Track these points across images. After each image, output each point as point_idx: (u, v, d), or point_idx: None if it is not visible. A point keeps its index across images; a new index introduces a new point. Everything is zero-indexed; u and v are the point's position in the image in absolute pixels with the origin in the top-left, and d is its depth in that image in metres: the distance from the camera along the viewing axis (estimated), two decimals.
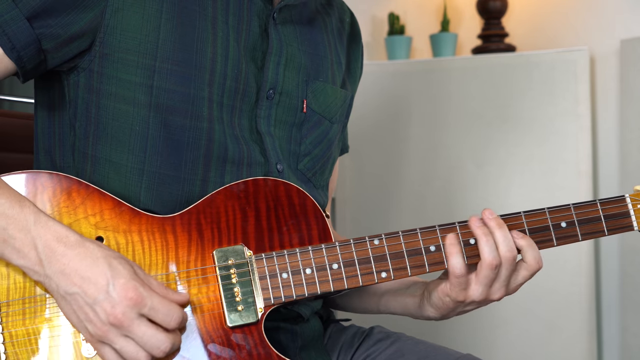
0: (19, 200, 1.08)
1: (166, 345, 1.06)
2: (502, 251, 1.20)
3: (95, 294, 1.04)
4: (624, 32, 2.82)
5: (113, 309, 1.04)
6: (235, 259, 1.17)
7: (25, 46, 1.17)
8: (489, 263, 1.20)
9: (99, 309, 1.04)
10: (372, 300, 1.42)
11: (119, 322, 1.04)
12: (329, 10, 1.45)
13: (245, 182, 1.20)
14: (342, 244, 1.20)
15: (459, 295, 1.23)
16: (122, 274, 1.05)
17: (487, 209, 1.24)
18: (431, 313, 1.30)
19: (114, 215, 1.16)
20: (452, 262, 1.21)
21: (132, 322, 1.04)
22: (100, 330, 1.05)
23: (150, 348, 1.06)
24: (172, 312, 1.07)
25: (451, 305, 1.26)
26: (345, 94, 1.43)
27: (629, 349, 2.72)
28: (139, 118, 1.21)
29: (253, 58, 1.29)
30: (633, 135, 2.72)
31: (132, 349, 1.05)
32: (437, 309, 1.29)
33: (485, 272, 1.20)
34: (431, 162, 2.81)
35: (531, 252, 1.22)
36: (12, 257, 1.07)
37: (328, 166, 1.41)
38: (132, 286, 1.05)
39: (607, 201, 1.28)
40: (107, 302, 1.04)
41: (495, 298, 1.23)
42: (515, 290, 1.25)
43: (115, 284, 1.04)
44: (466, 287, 1.22)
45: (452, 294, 1.23)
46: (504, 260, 1.21)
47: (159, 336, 1.06)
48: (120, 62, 1.20)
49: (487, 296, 1.23)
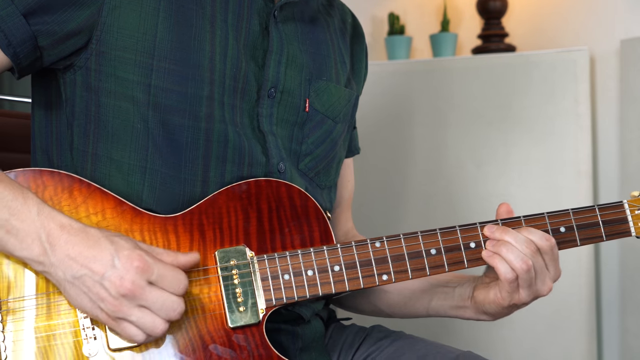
0: (22, 192, 1.09)
1: (181, 306, 1.07)
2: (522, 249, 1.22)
3: (102, 270, 1.05)
4: (624, 32, 2.82)
5: (122, 280, 1.04)
6: (237, 259, 1.17)
7: (21, 42, 1.17)
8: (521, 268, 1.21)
9: (108, 284, 1.04)
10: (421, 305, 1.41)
11: (131, 292, 1.04)
12: (330, 11, 1.45)
13: (247, 182, 1.20)
14: (344, 246, 1.20)
15: (512, 299, 1.25)
16: (125, 247, 1.06)
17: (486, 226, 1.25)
18: (486, 318, 1.32)
19: (116, 215, 1.16)
20: (502, 270, 1.22)
21: (143, 290, 1.05)
22: (113, 306, 1.05)
23: (166, 312, 1.06)
24: (178, 277, 1.08)
25: (505, 311, 1.28)
26: (350, 93, 1.43)
27: (629, 349, 2.72)
28: (139, 116, 1.20)
29: (253, 56, 1.28)
30: (633, 135, 2.71)
31: (149, 318, 1.06)
32: (491, 315, 1.31)
33: (523, 276, 1.22)
34: (431, 162, 2.81)
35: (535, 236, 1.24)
36: (15, 249, 1.07)
37: (333, 166, 1.40)
38: (136, 255, 1.05)
39: (605, 207, 1.29)
40: (115, 275, 1.04)
41: (545, 293, 1.25)
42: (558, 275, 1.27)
43: (120, 257, 1.05)
44: (517, 290, 1.24)
45: (504, 302, 1.25)
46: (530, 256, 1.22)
47: (173, 298, 1.07)
48: (117, 60, 1.20)
49: (535, 294, 1.25)
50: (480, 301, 1.30)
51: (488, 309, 1.29)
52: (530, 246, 1.22)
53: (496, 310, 1.28)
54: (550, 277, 1.25)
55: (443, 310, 1.38)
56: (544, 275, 1.24)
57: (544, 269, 1.24)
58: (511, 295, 1.24)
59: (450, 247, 1.24)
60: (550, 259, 1.24)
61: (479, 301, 1.30)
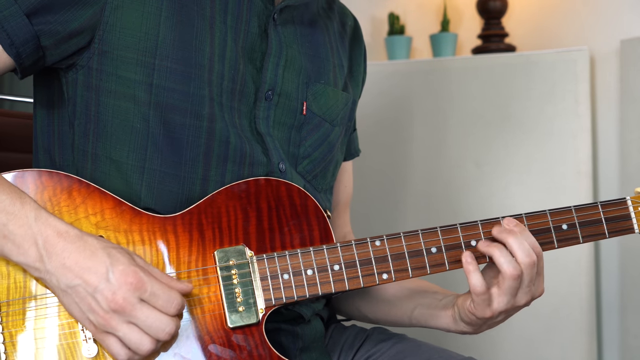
0: (20, 197, 1.08)
1: (171, 327, 1.06)
2: (520, 257, 1.20)
3: (95, 282, 1.04)
4: (624, 32, 2.82)
5: (114, 295, 1.04)
6: (236, 259, 1.17)
7: (24, 42, 1.16)
8: (511, 274, 1.20)
9: (100, 297, 1.04)
10: (404, 313, 1.40)
11: (121, 308, 1.04)
12: (330, 14, 1.45)
13: (246, 182, 1.20)
14: (344, 245, 1.20)
15: (485, 312, 1.23)
16: (120, 261, 1.06)
17: (495, 226, 1.23)
18: (465, 329, 1.31)
19: (115, 215, 1.16)
20: (473, 281, 1.21)
21: (133, 307, 1.04)
22: (102, 319, 1.05)
23: (155, 331, 1.05)
24: (172, 297, 1.07)
25: (480, 322, 1.26)
26: (347, 97, 1.42)
27: (629, 349, 2.72)
28: (140, 115, 1.20)
29: (251, 59, 1.28)
30: (633, 136, 2.71)
31: (136, 336, 1.05)
32: (470, 326, 1.29)
33: (509, 283, 1.20)
34: (431, 162, 2.81)
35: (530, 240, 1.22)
36: (12, 254, 1.07)
37: (330, 169, 1.40)
38: (131, 271, 1.05)
39: (608, 203, 1.29)
40: (108, 289, 1.04)
41: (522, 304, 1.23)
42: (542, 291, 1.25)
43: (115, 271, 1.05)
44: (490, 302, 1.22)
45: (477, 313, 1.24)
46: (524, 266, 1.20)
47: (163, 319, 1.06)
48: (119, 60, 1.20)
49: (513, 305, 1.23)
50: (459, 307, 1.28)
51: (464, 316, 1.27)
52: (530, 257, 1.20)
53: (471, 319, 1.27)
54: (531, 292, 1.23)
55: (424, 320, 1.36)
56: (529, 288, 1.22)
57: (532, 282, 1.22)
58: (484, 308, 1.22)
59: (451, 245, 1.24)
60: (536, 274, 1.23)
61: (458, 307, 1.29)
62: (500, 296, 1.21)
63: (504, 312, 1.23)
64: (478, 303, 1.22)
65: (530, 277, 1.21)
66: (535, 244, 1.22)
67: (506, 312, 1.24)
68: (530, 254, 1.20)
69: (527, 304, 1.24)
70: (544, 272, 1.25)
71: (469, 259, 1.21)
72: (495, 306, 1.22)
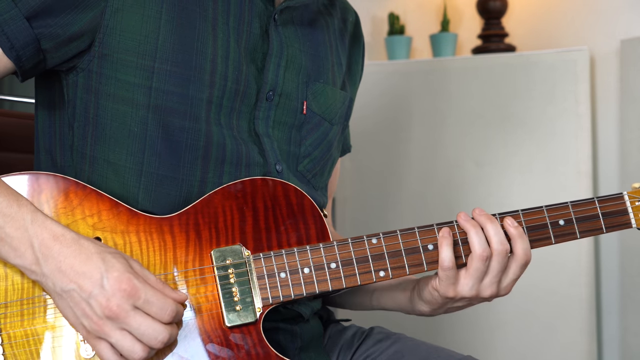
0: (17, 199, 1.08)
1: (164, 335, 1.06)
2: (494, 243, 1.20)
3: (90, 288, 1.04)
4: (624, 32, 2.82)
5: (108, 301, 1.04)
6: (233, 258, 1.17)
7: (24, 46, 1.17)
8: (479, 255, 1.20)
9: (94, 303, 1.04)
10: (366, 297, 1.42)
11: (115, 315, 1.04)
12: (331, 10, 1.45)
13: (242, 182, 1.20)
14: (340, 243, 1.20)
15: (448, 290, 1.23)
16: (115, 268, 1.05)
17: (477, 207, 1.24)
18: (422, 307, 1.30)
19: (112, 216, 1.16)
20: (442, 254, 1.21)
21: (127, 314, 1.04)
22: (96, 325, 1.05)
23: (148, 339, 1.05)
24: (166, 305, 1.07)
25: (440, 301, 1.26)
26: (345, 96, 1.43)
27: (629, 349, 2.72)
28: (138, 119, 1.20)
29: (253, 59, 1.28)
30: (633, 135, 2.71)
31: (128, 343, 1.05)
32: (427, 304, 1.29)
33: (476, 264, 1.20)
34: (431, 162, 2.81)
35: (520, 243, 1.22)
36: (9, 256, 1.07)
37: (327, 167, 1.40)
38: (125, 278, 1.05)
39: (605, 199, 1.28)
40: (102, 296, 1.04)
41: (486, 295, 1.23)
42: (507, 291, 1.25)
43: (109, 277, 1.05)
44: (455, 281, 1.22)
45: (440, 289, 1.23)
46: (495, 252, 1.20)
47: (156, 326, 1.06)
48: (119, 63, 1.20)
49: (477, 292, 1.22)
50: (420, 286, 1.28)
51: (426, 294, 1.27)
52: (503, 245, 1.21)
53: (432, 298, 1.26)
54: (499, 286, 1.23)
55: (384, 302, 1.37)
56: (496, 279, 1.22)
57: (500, 273, 1.22)
58: (448, 285, 1.22)
59: None
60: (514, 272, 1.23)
61: (419, 286, 1.29)
62: (466, 278, 1.21)
63: (467, 298, 1.23)
64: (443, 279, 1.22)
65: (500, 267, 1.21)
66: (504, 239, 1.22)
67: (469, 299, 1.24)
68: (504, 242, 1.21)
69: (490, 297, 1.24)
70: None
71: (445, 234, 1.22)
72: (460, 287, 1.22)
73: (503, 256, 1.21)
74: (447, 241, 1.21)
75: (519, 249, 1.22)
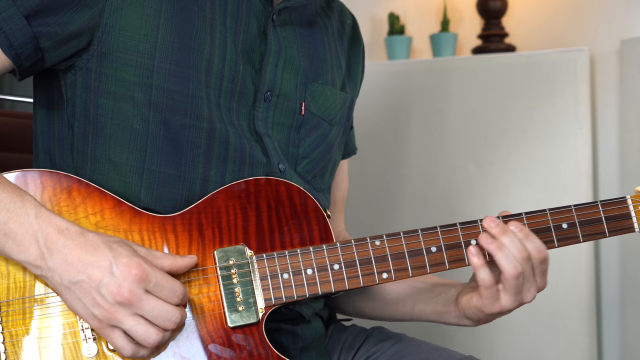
0: (20, 195, 1.08)
1: (177, 316, 1.07)
2: (515, 254, 1.19)
3: (100, 276, 1.04)
4: (624, 32, 2.82)
5: (119, 287, 1.04)
6: (236, 259, 1.17)
7: (22, 44, 1.16)
8: (512, 274, 1.19)
9: (105, 291, 1.04)
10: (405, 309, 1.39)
11: (127, 300, 1.04)
12: (329, 13, 1.45)
13: (246, 181, 1.20)
14: (343, 244, 1.20)
15: (493, 307, 1.22)
16: (123, 254, 1.06)
17: (487, 216, 1.22)
18: (468, 323, 1.30)
19: (115, 215, 1.16)
20: (481, 275, 1.20)
21: (140, 298, 1.05)
22: (108, 312, 1.05)
23: (162, 321, 1.06)
24: (175, 287, 1.08)
25: (487, 318, 1.26)
26: (345, 97, 1.42)
27: (629, 349, 2.72)
28: (139, 117, 1.20)
29: (250, 60, 1.28)
30: (633, 135, 2.71)
31: (142, 327, 1.05)
32: (473, 321, 1.29)
33: (511, 282, 1.19)
34: (431, 162, 2.81)
35: (530, 244, 1.21)
36: (12, 252, 1.07)
37: (328, 169, 1.40)
38: (135, 263, 1.05)
39: (608, 202, 1.28)
40: (113, 283, 1.04)
41: (529, 300, 1.23)
42: (544, 285, 1.24)
43: (118, 264, 1.05)
44: (497, 297, 1.21)
45: (485, 309, 1.23)
46: (522, 262, 1.19)
47: (169, 308, 1.06)
48: (118, 62, 1.20)
49: (520, 302, 1.22)
50: (463, 306, 1.28)
51: (470, 314, 1.27)
52: (523, 252, 1.19)
53: (478, 316, 1.26)
54: (536, 286, 1.23)
55: (426, 315, 1.36)
56: (530, 284, 1.22)
57: (531, 277, 1.21)
58: (492, 302, 1.22)
59: (451, 244, 1.23)
60: (539, 271, 1.22)
61: (461, 306, 1.28)
62: (506, 294, 1.20)
63: (512, 309, 1.23)
64: (487, 297, 1.22)
65: (530, 272, 1.21)
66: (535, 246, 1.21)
67: (514, 309, 1.24)
68: (523, 249, 1.19)
69: (533, 298, 1.23)
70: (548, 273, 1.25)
71: (475, 252, 1.20)
72: (503, 303, 1.21)
73: (527, 263, 1.20)
74: (481, 261, 1.20)
75: (531, 250, 1.21)
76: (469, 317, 1.28)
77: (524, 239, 1.21)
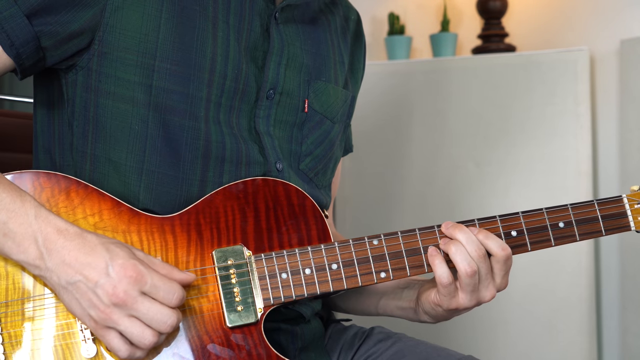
0: (20, 195, 1.08)
1: (172, 319, 1.06)
2: (471, 252, 1.20)
3: (96, 277, 1.04)
4: (624, 32, 2.82)
5: (115, 289, 1.04)
6: (234, 259, 1.17)
7: (24, 43, 1.16)
8: (466, 272, 1.20)
9: (101, 292, 1.04)
10: (371, 303, 1.42)
11: (122, 301, 1.04)
12: (333, 8, 1.44)
13: (244, 182, 1.20)
14: (341, 244, 1.20)
15: (450, 304, 1.23)
16: (120, 255, 1.06)
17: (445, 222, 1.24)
18: (427, 319, 1.31)
19: (113, 216, 1.16)
20: (438, 272, 1.21)
21: (135, 300, 1.04)
22: (103, 313, 1.05)
23: (157, 324, 1.05)
24: (172, 289, 1.07)
25: (445, 314, 1.27)
26: (347, 94, 1.43)
27: (629, 349, 2.72)
28: (138, 117, 1.20)
29: (253, 58, 1.28)
30: (633, 135, 2.71)
31: (137, 329, 1.05)
32: (432, 317, 1.30)
33: (466, 280, 1.20)
34: (431, 162, 2.81)
35: (492, 243, 1.22)
36: (11, 252, 1.07)
37: (330, 166, 1.40)
38: (130, 264, 1.05)
39: (604, 201, 1.29)
40: (108, 283, 1.04)
41: (487, 299, 1.23)
42: (505, 285, 1.24)
43: (114, 265, 1.05)
44: (455, 294, 1.22)
45: (443, 304, 1.24)
46: (477, 260, 1.20)
47: (165, 311, 1.06)
48: (119, 61, 1.20)
49: (477, 300, 1.23)
50: (422, 302, 1.29)
51: (428, 309, 1.28)
52: (479, 251, 1.20)
53: (436, 312, 1.27)
54: (495, 285, 1.23)
55: (390, 310, 1.37)
56: (488, 282, 1.22)
57: (489, 275, 1.22)
58: (449, 299, 1.23)
59: None
60: (500, 269, 1.22)
61: (421, 302, 1.29)
62: (462, 293, 1.21)
63: (470, 307, 1.24)
64: (444, 295, 1.22)
65: (486, 271, 1.21)
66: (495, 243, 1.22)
67: (472, 307, 1.24)
68: (480, 247, 1.20)
69: (492, 298, 1.24)
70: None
71: (434, 252, 1.22)
72: (460, 301, 1.22)
73: (484, 261, 1.21)
74: (439, 259, 1.22)
75: (493, 248, 1.21)
76: (427, 313, 1.29)
77: (483, 239, 1.21)
